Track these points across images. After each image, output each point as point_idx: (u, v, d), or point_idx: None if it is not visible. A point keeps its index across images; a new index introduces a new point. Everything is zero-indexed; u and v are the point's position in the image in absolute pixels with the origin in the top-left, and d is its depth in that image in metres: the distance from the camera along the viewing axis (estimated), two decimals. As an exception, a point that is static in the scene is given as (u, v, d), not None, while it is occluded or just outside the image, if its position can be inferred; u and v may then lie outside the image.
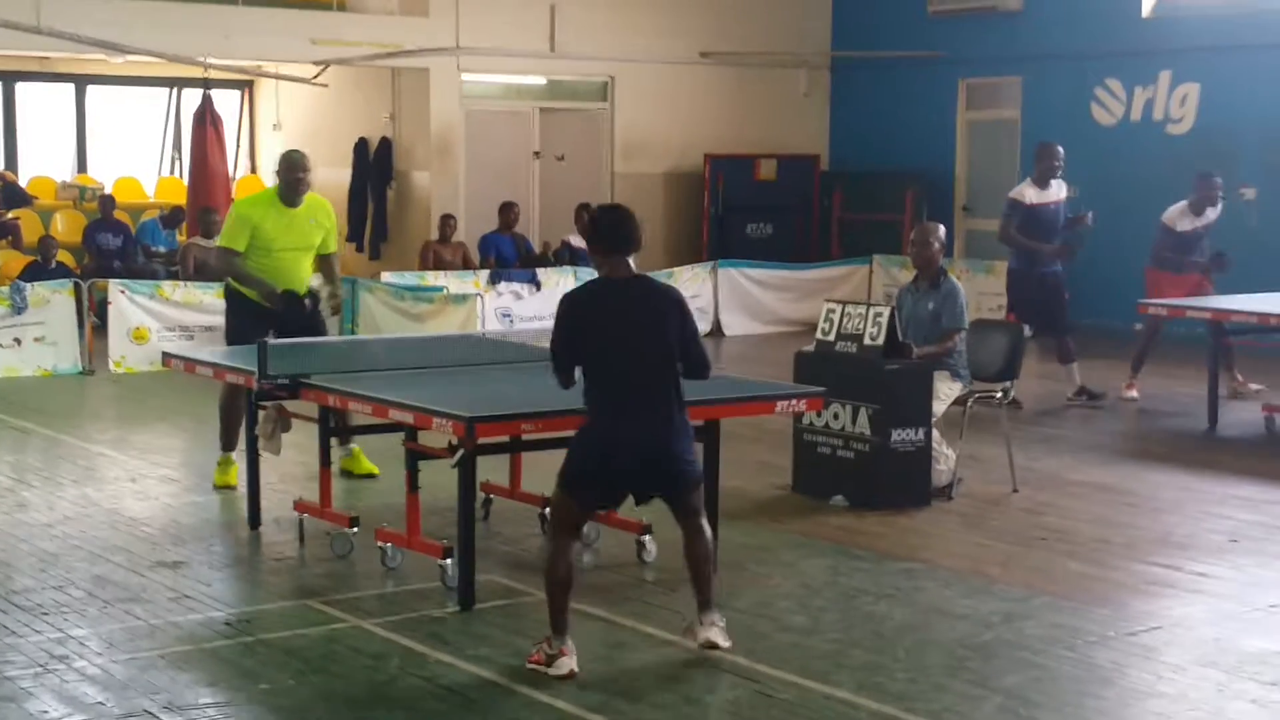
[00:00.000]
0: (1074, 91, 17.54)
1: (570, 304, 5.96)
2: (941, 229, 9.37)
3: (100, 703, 5.51)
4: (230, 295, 9.17)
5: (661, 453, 5.85)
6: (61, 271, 15.27)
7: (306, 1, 18.26)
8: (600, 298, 5.96)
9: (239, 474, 8.79)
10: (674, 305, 5.97)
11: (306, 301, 8.86)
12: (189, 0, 16.90)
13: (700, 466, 6.11)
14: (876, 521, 8.27)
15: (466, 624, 6.42)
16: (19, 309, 13.45)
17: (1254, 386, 12.24)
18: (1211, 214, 12.49)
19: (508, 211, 16.68)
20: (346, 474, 9.18)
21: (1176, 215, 12.50)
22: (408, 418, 6.62)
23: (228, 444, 9.09)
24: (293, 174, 8.74)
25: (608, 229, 6.04)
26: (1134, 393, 12.37)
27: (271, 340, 7.61)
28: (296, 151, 8.93)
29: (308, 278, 8.99)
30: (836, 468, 8.68)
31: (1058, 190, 12.17)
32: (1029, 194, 12.10)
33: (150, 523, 8.31)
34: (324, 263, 9.12)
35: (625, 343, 5.83)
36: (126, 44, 15.71)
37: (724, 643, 5.93)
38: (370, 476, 9.17)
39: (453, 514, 6.75)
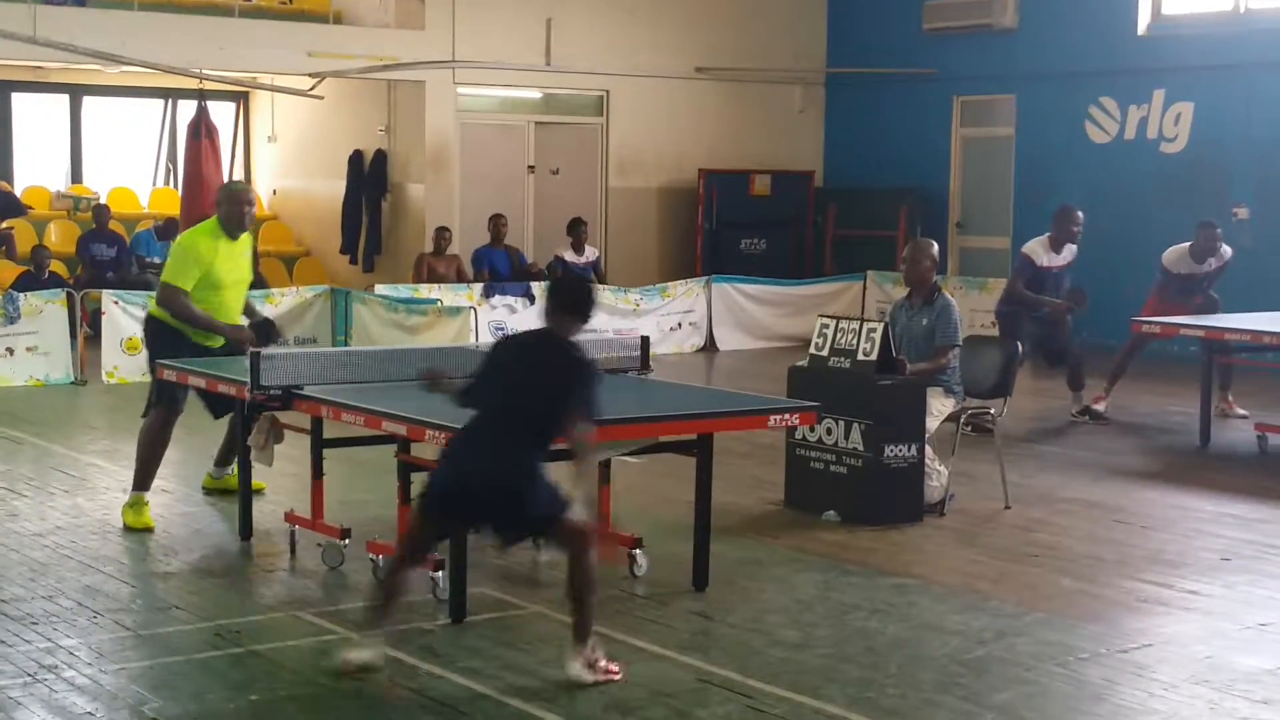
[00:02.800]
0: (1068, 109, 17.59)
1: (497, 342, 6.26)
2: (934, 246, 9.37)
3: (89, 713, 5.49)
4: (155, 324, 8.62)
5: (497, 485, 5.78)
6: (54, 281, 15.26)
7: (302, 14, 18.29)
8: (522, 343, 6.16)
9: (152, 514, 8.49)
10: (577, 376, 5.88)
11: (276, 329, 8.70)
12: (185, 12, 16.94)
13: (553, 509, 5.80)
14: (869, 537, 8.26)
15: (457, 637, 6.40)
16: (12, 319, 13.43)
17: (1240, 412, 12.21)
18: (1214, 263, 12.43)
19: (495, 223, 16.66)
20: (217, 492, 9.04)
21: (1175, 259, 12.45)
22: (400, 429, 6.61)
23: (143, 483, 8.48)
24: (237, 206, 8.46)
25: (582, 300, 6.04)
26: (1102, 406, 12.38)
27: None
28: (240, 183, 8.80)
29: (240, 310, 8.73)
30: (829, 483, 8.68)
31: (1068, 255, 12.13)
32: (1042, 256, 12.03)
33: (141, 533, 8.27)
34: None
35: (513, 383, 5.92)
36: (122, 55, 15.72)
37: (587, 678, 5.80)
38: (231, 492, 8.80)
39: (445, 526, 6.73)
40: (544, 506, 5.82)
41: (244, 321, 8.74)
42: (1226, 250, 12.46)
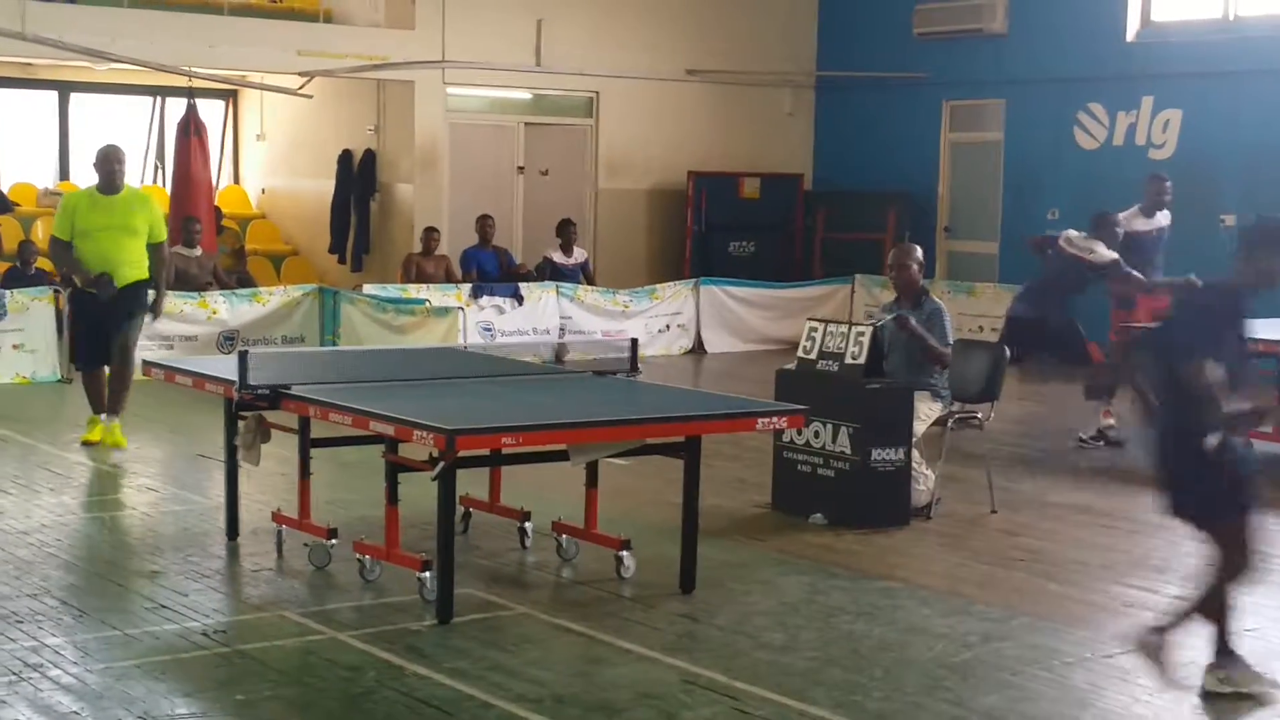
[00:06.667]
0: (1057, 115, 17.61)
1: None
2: (919, 250, 9.36)
3: (75, 712, 5.48)
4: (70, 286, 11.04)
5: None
6: (40, 277, 15.21)
7: (292, 12, 18.27)
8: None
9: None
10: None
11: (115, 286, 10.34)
12: (174, 9, 16.90)
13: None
14: (855, 540, 8.27)
15: (444, 637, 6.40)
16: (-2, 316, 13.41)
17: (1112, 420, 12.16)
18: (1163, 219, 12.49)
19: (482, 224, 16.62)
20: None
21: (1128, 215, 12.54)
22: (388, 429, 6.60)
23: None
24: (107, 166, 10.36)
25: None
26: (1111, 420, 12.32)
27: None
28: (112, 146, 10.50)
29: (133, 259, 10.39)
30: (816, 486, 8.69)
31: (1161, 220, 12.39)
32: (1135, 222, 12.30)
33: (127, 532, 8.28)
34: (153, 251, 10.56)
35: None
36: (111, 52, 15.69)
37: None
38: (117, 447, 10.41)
39: (432, 527, 6.74)
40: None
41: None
42: (1168, 213, 12.55)
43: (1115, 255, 11.70)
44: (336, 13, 18.07)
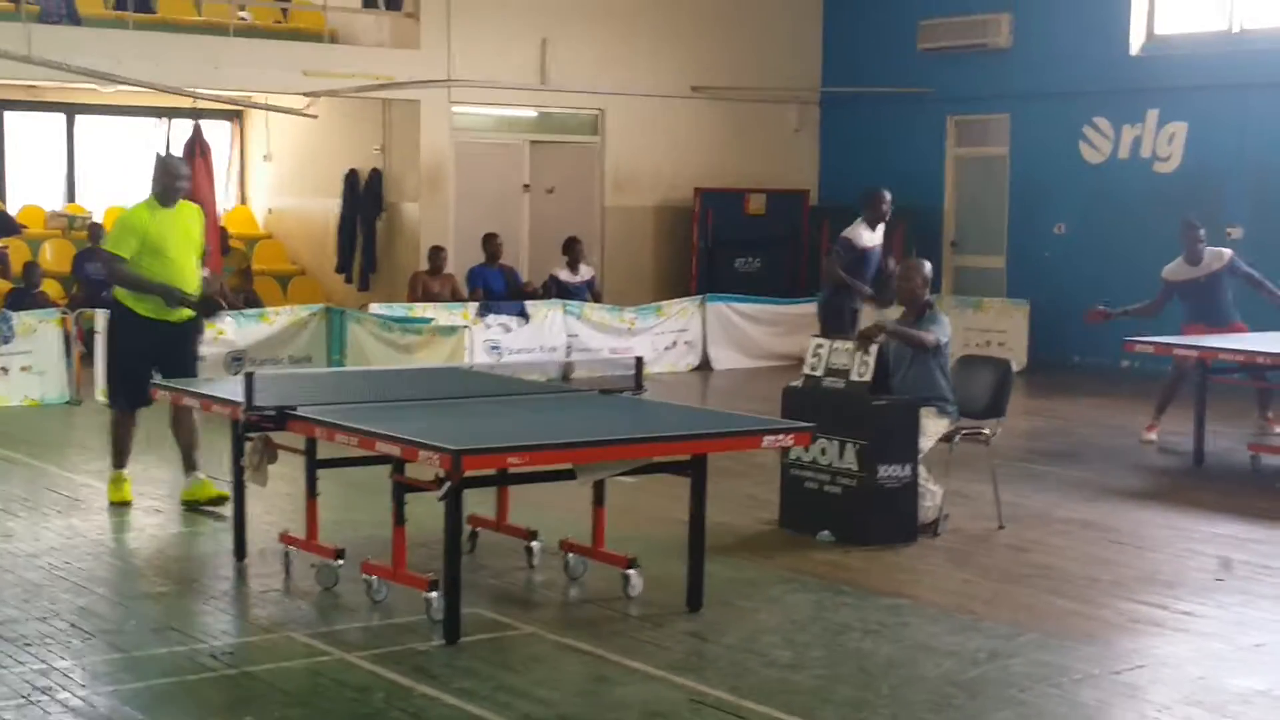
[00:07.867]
0: (1062, 129, 17.63)
1: None
2: (926, 265, 9.38)
3: (82, 735, 5.49)
4: (119, 312, 9.35)
5: None
6: (47, 301, 15.25)
7: (298, 33, 18.34)
8: None
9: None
10: None
11: (207, 305, 9.35)
12: (180, 31, 16.97)
13: None
14: (863, 557, 8.26)
15: (452, 657, 6.40)
16: (6, 338, 13.43)
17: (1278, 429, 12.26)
18: (1212, 260, 12.38)
19: (490, 242, 16.63)
20: (191, 505, 9.36)
21: (1173, 268, 12.45)
22: (394, 450, 6.60)
23: (120, 462, 9.53)
24: (171, 175, 9.26)
25: None
26: (1153, 435, 12.24)
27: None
28: (173, 156, 9.61)
29: (196, 279, 9.35)
30: (823, 503, 8.68)
31: (877, 236, 12.46)
32: (864, 236, 12.34)
33: (136, 554, 8.28)
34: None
35: None
36: (117, 74, 15.74)
37: None
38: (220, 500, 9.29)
39: (439, 547, 6.74)
40: None
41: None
42: (1224, 251, 12.46)
43: (848, 236, 12.30)
44: (342, 33, 18.15)
